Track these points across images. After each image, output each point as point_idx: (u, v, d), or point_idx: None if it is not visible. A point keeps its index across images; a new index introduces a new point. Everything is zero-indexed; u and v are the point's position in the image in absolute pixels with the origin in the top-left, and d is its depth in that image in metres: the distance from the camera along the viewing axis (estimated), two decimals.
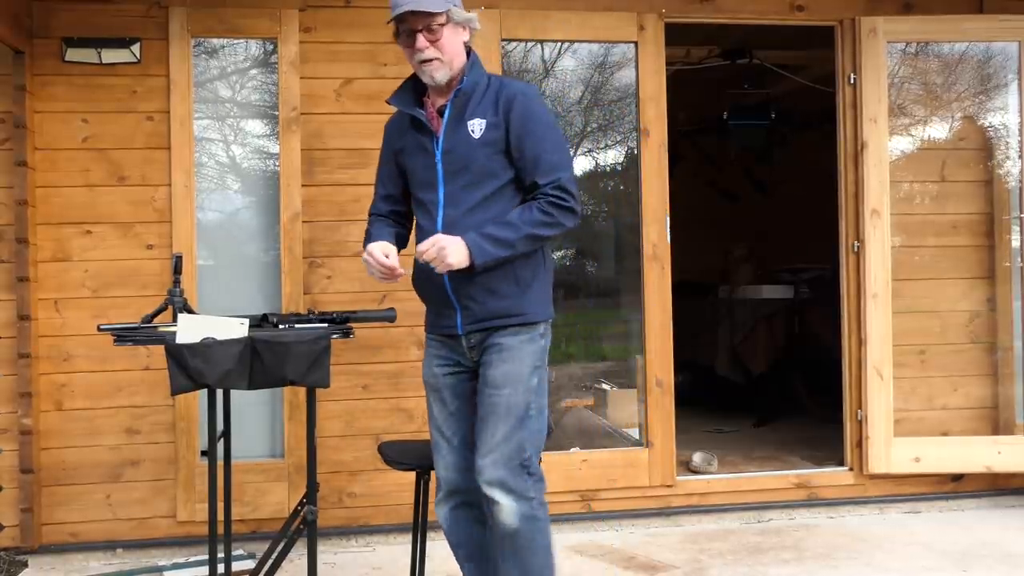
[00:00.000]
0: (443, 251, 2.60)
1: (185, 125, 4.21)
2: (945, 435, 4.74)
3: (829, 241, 4.88)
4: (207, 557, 3.07)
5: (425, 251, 2.62)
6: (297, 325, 3.13)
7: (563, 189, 2.69)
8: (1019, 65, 4.75)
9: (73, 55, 4.14)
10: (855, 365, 4.68)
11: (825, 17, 4.73)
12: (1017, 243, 4.81)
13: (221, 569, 3.15)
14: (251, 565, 3.88)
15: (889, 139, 4.69)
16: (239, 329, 2.93)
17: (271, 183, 4.41)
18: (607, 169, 5.62)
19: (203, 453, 3.98)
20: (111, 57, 4.16)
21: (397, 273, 2.72)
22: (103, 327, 3.15)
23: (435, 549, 3.51)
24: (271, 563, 3.32)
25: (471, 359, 2.81)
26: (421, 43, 2.70)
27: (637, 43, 4.55)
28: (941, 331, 4.78)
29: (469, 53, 2.80)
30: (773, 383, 6.67)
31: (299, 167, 4.28)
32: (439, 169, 2.76)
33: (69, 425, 4.15)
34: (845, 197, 4.73)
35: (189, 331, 2.88)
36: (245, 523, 4.18)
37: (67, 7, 4.15)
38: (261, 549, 3.99)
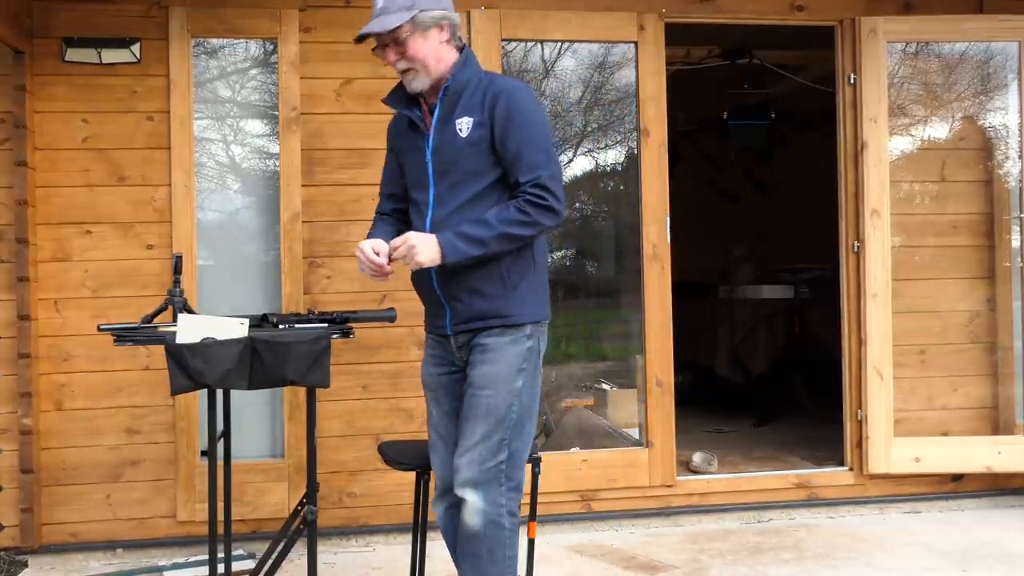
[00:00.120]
0: (412, 249, 2.60)
1: (185, 125, 4.22)
2: (945, 435, 4.74)
3: (829, 241, 4.88)
4: (207, 557, 3.07)
5: (396, 248, 2.64)
6: (297, 325, 3.13)
7: (542, 187, 2.62)
8: (1019, 65, 4.75)
9: (73, 55, 4.14)
10: (855, 365, 4.69)
11: (825, 17, 4.73)
12: (1017, 243, 4.81)
13: (221, 569, 3.15)
14: (251, 565, 3.88)
15: (889, 139, 4.69)
16: (239, 329, 2.93)
17: (271, 183, 4.41)
18: (607, 169, 5.61)
19: (203, 453, 3.98)
20: (111, 57, 4.16)
21: (386, 270, 2.70)
22: (103, 327, 3.16)
23: (435, 549, 3.50)
24: (271, 563, 3.33)
25: (460, 359, 2.80)
26: (390, 57, 2.71)
27: (637, 43, 4.55)
28: (941, 331, 4.78)
29: (463, 50, 2.77)
30: (773, 383, 6.68)
31: (299, 167, 4.28)
32: (429, 169, 2.75)
33: (69, 425, 4.15)
34: (845, 197, 4.73)
35: (189, 331, 2.88)
36: (245, 523, 4.19)
37: (67, 7, 4.15)
38: (261, 549, 4.00)
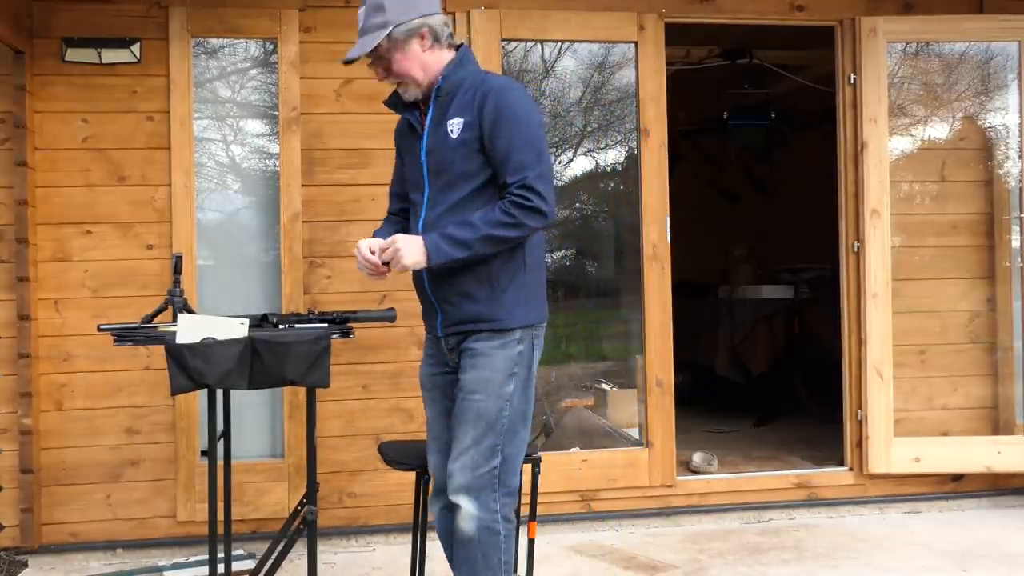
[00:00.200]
0: (398, 252, 2.60)
1: (185, 125, 4.22)
2: (945, 435, 4.74)
3: (829, 241, 4.88)
4: (207, 557, 3.07)
5: (384, 251, 2.64)
6: (297, 325, 3.13)
7: (528, 188, 2.57)
8: (1019, 65, 4.75)
9: (73, 55, 4.14)
10: (855, 365, 4.69)
11: (825, 17, 4.73)
12: (1017, 243, 4.81)
13: (221, 569, 3.15)
14: (251, 565, 3.88)
15: (889, 139, 4.69)
16: (239, 329, 2.93)
17: (271, 183, 4.41)
18: (607, 169, 5.61)
19: (203, 453, 3.98)
20: (111, 57, 4.16)
21: (382, 270, 2.69)
22: (103, 327, 3.16)
23: (435, 549, 3.49)
24: (271, 563, 3.32)
25: (453, 360, 2.80)
26: (379, 73, 2.75)
27: (637, 43, 4.55)
28: (941, 331, 4.78)
29: (459, 47, 2.77)
30: (773, 383, 6.68)
31: (299, 167, 4.28)
32: (424, 170, 2.74)
33: (69, 425, 4.15)
34: (845, 197, 4.73)
35: (189, 331, 2.88)
36: (245, 523, 4.18)
37: (67, 7, 4.15)
38: (261, 549, 4.00)
